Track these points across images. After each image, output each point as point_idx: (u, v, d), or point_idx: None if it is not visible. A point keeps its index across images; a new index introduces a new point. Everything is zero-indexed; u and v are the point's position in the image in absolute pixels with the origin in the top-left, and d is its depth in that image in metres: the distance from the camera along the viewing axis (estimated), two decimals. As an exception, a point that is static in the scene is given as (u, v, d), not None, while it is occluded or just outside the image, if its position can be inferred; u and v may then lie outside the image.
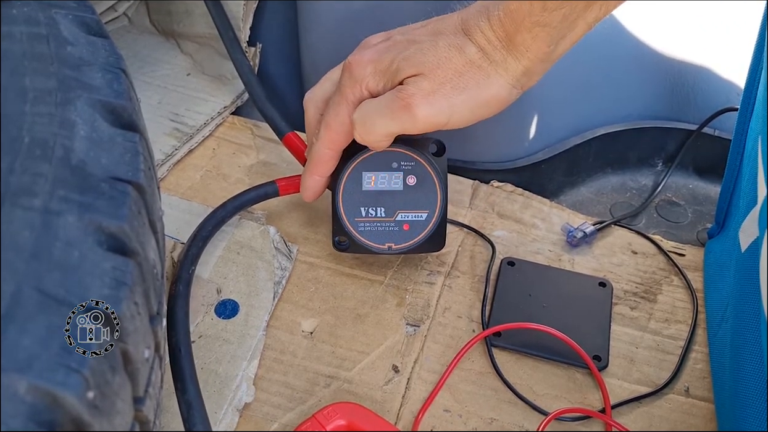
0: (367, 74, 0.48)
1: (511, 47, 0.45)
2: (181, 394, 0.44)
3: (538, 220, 0.63)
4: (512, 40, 0.45)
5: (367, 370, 0.51)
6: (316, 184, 0.53)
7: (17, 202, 0.29)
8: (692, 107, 0.73)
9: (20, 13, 0.36)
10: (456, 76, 0.46)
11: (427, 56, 0.46)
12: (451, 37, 0.46)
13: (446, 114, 0.46)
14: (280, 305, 0.55)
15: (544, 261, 0.60)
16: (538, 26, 0.44)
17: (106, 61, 0.37)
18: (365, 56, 0.48)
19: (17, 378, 0.24)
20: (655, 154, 0.74)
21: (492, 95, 0.46)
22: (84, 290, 0.28)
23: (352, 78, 0.48)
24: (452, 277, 0.58)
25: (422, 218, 0.54)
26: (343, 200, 0.53)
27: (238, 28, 0.69)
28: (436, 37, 0.47)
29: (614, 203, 0.70)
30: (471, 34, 0.46)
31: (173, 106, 0.70)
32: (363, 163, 0.53)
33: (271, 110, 0.63)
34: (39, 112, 0.32)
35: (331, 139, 0.50)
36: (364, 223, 0.54)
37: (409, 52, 0.47)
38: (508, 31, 0.44)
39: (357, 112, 0.48)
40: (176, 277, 0.50)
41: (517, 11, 0.44)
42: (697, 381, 0.52)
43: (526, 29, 0.44)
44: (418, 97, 0.45)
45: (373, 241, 0.54)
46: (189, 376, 0.45)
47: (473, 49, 0.45)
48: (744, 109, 0.54)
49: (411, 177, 0.53)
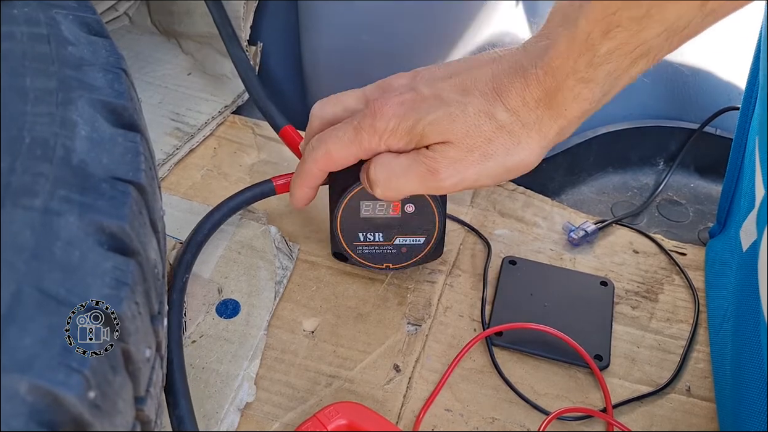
0: (390, 129, 0.45)
1: (549, 107, 0.42)
2: (172, 408, 0.43)
3: (539, 218, 0.63)
4: (551, 99, 0.42)
5: (369, 370, 0.51)
6: (306, 195, 0.52)
7: (18, 202, 0.29)
8: (694, 106, 0.73)
9: (21, 14, 0.36)
10: (485, 143, 0.43)
11: (456, 124, 0.43)
12: (481, 100, 0.43)
13: (472, 180, 0.45)
14: (282, 304, 0.55)
15: (545, 260, 0.60)
16: (582, 83, 0.41)
17: (106, 61, 0.37)
18: (389, 108, 0.45)
19: (18, 378, 0.24)
20: (656, 153, 0.74)
21: (521, 160, 0.44)
22: (85, 290, 0.28)
23: (373, 127, 0.46)
24: (453, 276, 0.58)
25: (420, 242, 0.54)
26: (341, 225, 0.53)
27: (239, 27, 0.69)
28: (466, 98, 0.44)
29: (615, 202, 0.70)
30: (503, 95, 0.43)
31: (174, 106, 0.70)
32: (361, 192, 0.51)
33: (267, 104, 0.63)
34: (40, 112, 0.32)
35: (328, 166, 0.49)
36: (362, 246, 0.54)
37: (436, 115, 0.44)
38: (548, 90, 0.42)
39: (379, 169, 0.46)
40: (170, 284, 0.50)
41: (559, 69, 0.41)
42: (699, 380, 0.52)
43: (569, 88, 0.41)
44: (444, 164, 0.44)
45: (370, 261, 0.55)
46: (181, 390, 0.44)
47: (505, 114, 0.43)
48: (745, 109, 0.54)
49: (409, 205, 0.52)
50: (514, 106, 0.43)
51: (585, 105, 0.42)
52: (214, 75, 0.73)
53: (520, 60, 0.43)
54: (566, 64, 0.40)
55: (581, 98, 0.41)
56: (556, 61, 0.41)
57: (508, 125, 0.43)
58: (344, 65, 0.71)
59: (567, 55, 0.40)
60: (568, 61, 0.40)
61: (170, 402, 0.43)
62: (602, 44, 0.39)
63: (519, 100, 0.42)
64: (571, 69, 0.40)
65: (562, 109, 0.42)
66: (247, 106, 0.72)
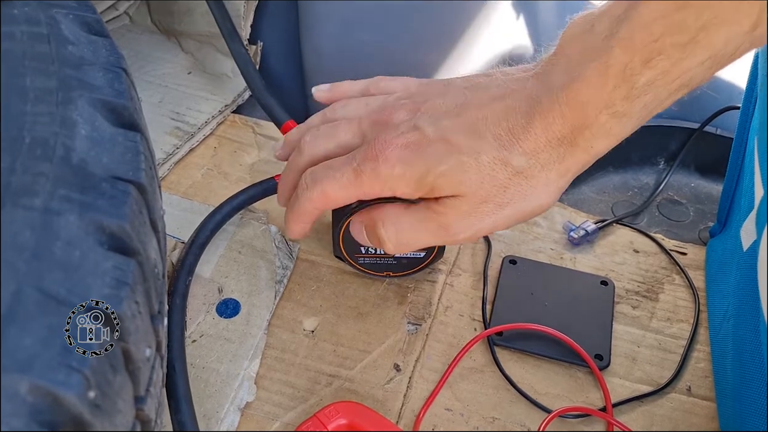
0: (395, 176, 0.41)
1: (573, 145, 0.38)
2: (174, 413, 0.43)
3: (539, 218, 0.63)
4: (577, 136, 0.37)
5: (369, 369, 0.51)
6: (302, 230, 0.49)
7: (18, 202, 0.29)
8: (694, 106, 0.73)
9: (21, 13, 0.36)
10: (500, 193, 0.40)
11: (468, 175, 0.39)
12: (494, 145, 0.39)
13: (487, 230, 0.42)
14: (282, 303, 0.55)
15: (545, 259, 0.60)
16: (615, 118, 0.37)
17: (107, 60, 0.37)
18: (392, 152, 0.41)
19: (18, 378, 0.24)
20: (657, 153, 0.74)
21: (539, 205, 0.41)
22: (85, 290, 0.28)
23: (376, 172, 0.41)
24: (454, 275, 0.58)
25: (420, 256, 0.54)
26: (343, 241, 0.53)
27: (239, 26, 0.69)
28: (477, 142, 0.39)
29: (616, 202, 0.70)
30: (520, 137, 0.38)
31: (174, 105, 0.70)
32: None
33: (269, 99, 0.63)
34: (40, 112, 0.32)
35: (325, 205, 0.46)
36: (364, 258, 0.55)
37: (447, 166, 0.40)
38: (573, 127, 0.37)
39: (389, 228, 0.43)
40: (172, 288, 0.50)
41: (590, 103, 0.36)
42: (699, 380, 0.52)
43: (599, 124, 0.37)
44: (457, 219, 0.41)
45: (372, 270, 0.55)
46: (183, 395, 0.44)
47: (522, 159, 0.39)
48: (746, 108, 0.54)
49: None
50: (532, 148, 0.39)
51: (613, 141, 0.38)
52: (214, 74, 0.73)
53: (537, 93, 0.38)
54: (598, 98, 0.36)
55: (611, 134, 0.37)
56: (585, 94, 0.36)
57: (525, 170, 0.39)
58: (344, 64, 0.71)
59: (599, 87, 0.36)
60: (601, 95, 0.36)
61: (172, 406, 0.43)
62: (642, 74, 0.35)
63: (538, 141, 0.38)
64: (603, 103, 0.36)
65: (588, 146, 0.38)
66: (248, 105, 0.72)
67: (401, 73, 0.55)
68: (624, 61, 0.35)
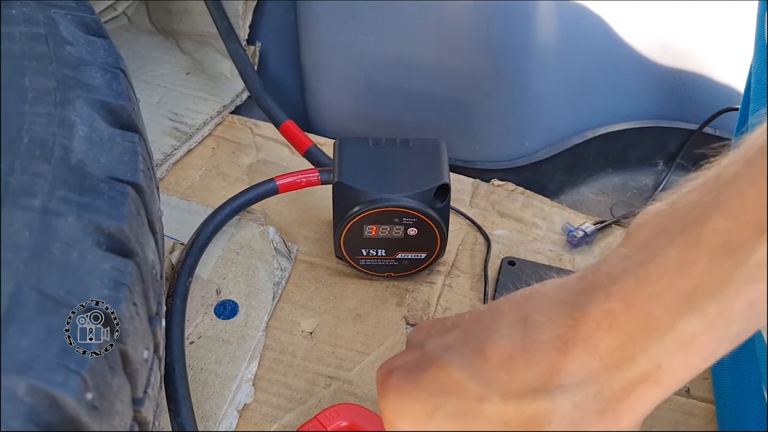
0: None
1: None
2: (174, 415, 0.43)
3: (538, 219, 0.63)
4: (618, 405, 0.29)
5: (367, 370, 0.51)
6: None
7: (17, 203, 0.28)
8: (693, 107, 0.73)
9: (19, 13, 0.36)
10: None
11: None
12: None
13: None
14: (280, 305, 0.55)
15: (544, 260, 0.60)
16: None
17: (105, 60, 0.37)
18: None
19: (16, 379, 0.24)
20: (655, 154, 0.74)
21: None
22: (83, 291, 0.28)
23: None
24: (452, 277, 0.58)
25: (422, 257, 0.55)
26: (345, 243, 0.53)
27: (238, 27, 0.69)
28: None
29: (615, 203, 0.70)
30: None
31: (173, 106, 0.69)
32: (364, 218, 0.52)
33: (267, 100, 0.63)
34: (38, 112, 0.32)
35: None
36: (366, 260, 0.55)
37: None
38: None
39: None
40: (172, 289, 0.50)
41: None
42: (698, 381, 0.52)
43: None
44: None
45: (373, 271, 0.56)
46: (183, 397, 0.44)
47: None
48: (744, 109, 0.54)
49: (412, 229, 0.53)
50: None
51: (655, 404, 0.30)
52: (212, 74, 0.73)
53: (609, 389, 0.29)
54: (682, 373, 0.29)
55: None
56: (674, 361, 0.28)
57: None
58: (343, 65, 0.71)
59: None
60: (689, 365, 0.29)
61: (172, 408, 0.43)
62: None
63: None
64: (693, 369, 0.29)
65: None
66: (246, 106, 0.72)
67: (399, 73, 0.55)
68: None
